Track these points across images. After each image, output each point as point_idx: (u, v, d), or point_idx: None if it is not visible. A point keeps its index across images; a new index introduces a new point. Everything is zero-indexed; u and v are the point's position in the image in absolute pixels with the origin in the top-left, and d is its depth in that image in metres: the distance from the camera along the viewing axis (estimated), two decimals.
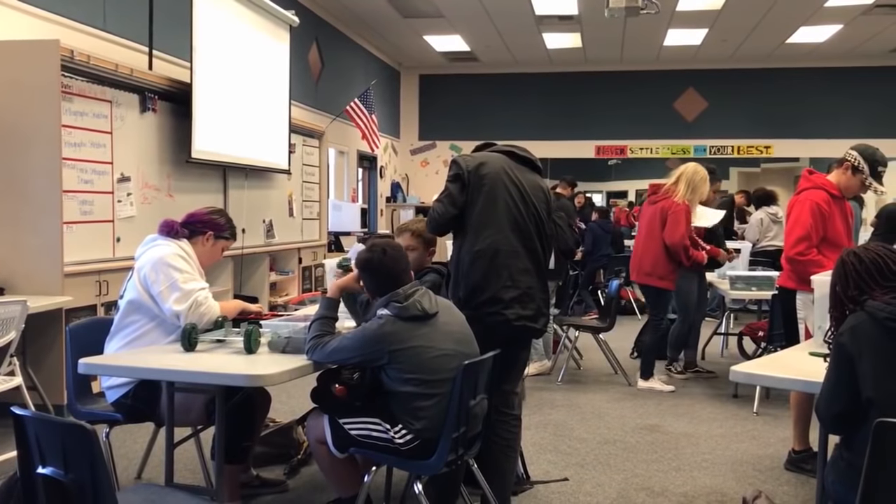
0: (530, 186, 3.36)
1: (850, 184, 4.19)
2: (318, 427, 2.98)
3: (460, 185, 3.26)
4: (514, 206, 3.28)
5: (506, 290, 3.22)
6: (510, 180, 3.30)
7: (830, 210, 4.16)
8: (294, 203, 8.51)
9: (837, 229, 4.16)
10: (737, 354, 6.88)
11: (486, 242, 3.23)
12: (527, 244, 3.30)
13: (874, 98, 12.92)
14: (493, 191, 3.25)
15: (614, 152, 14.14)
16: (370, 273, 2.97)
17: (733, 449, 4.55)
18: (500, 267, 3.22)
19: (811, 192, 4.23)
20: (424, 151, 14.35)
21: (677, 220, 5.71)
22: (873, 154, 4.14)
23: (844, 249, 2.68)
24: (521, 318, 3.24)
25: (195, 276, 3.34)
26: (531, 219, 3.32)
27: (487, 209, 3.24)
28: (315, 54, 10.03)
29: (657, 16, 9.50)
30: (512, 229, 3.26)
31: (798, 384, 3.07)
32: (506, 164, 3.35)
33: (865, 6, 9.90)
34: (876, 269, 2.49)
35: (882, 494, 2.15)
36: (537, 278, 3.33)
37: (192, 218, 3.52)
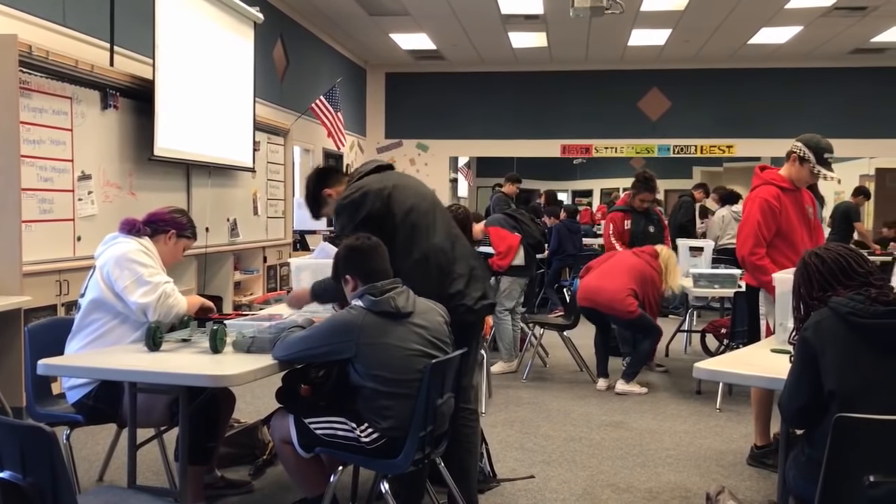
0: (411, 180, 3.45)
1: (800, 175, 4.20)
2: (283, 427, 2.96)
3: (372, 222, 3.19)
4: (420, 206, 3.27)
5: (454, 283, 3.21)
6: (402, 185, 3.30)
7: (781, 204, 4.16)
8: (259, 201, 8.44)
9: (791, 223, 4.17)
10: (700, 351, 6.96)
11: (417, 254, 3.20)
12: (449, 232, 3.33)
13: (833, 98, 13.15)
14: (399, 205, 3.22)
15: (579, 151, 14.22)
16: (356, 260, 2.95)
17: (697, 445, 4.60)
18: (442, 266, 3.22)
19: (760, 189, 4.25)
20: (391, 150, 14.31)
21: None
22: (818, 142, 4.15)
23: (806, 251, 2.71)
24: (477, 300, 3.26)
25: (160, 270, 3.30)
26: (434, 205, 3.36)
27: (404, 228, 3.21)
28: (280, 51, 9.95)
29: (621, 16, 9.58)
30: (430, 229, 3.25)
31: (760, 381, 3.12)
32: (385, 176, 3.33)
33: (825, 8, 10.07)
34: (839, 270, 2.52)
35: (841, 488, 2.19)
36: (474, 258, 3.38)
37: (154, 217, 3.48)
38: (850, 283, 2.48)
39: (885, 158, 13.23)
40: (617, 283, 5.71)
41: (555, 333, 6.61)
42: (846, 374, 2.34)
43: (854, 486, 2.16)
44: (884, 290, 2.41)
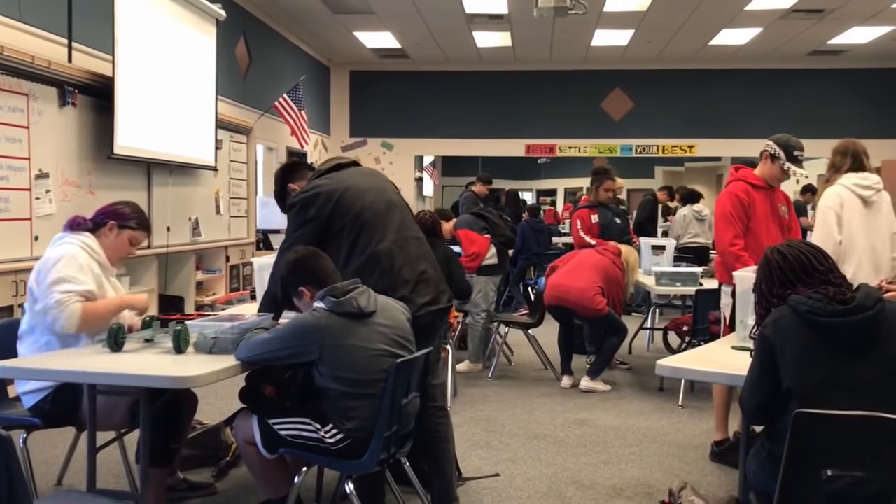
0: (372, 178, 3.41)
1: (772, 172, 4.27)
2: (246, 428, 2.93)
3: (315, 225, 3.19)
4: (372, 207, 3.23)
5: (398, 288, 3.16)
6: (356, 187, 3.26)
7: (750, 199, 4.23)
8: (221, 200, 8.35)
9: (759, 219, 4.23)
10: (662, 349, 7.04)
11: (364, 256, 3.18)
12: (405, 233, 3.28)
13: (792, 99, 13.38)
14: (347, 209, 3.20)
15: (544, 151, 14.29)
16: (301, 270, 2.94)
17: (660, 441, 4.65)
18: (384, 271, 3.17)
19: (731, 185, 4.34)
20: (356, 148, 14.25)
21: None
22: (787, 140, 4.23)
23: (768, 248, 2.74)
24: (422, 307, 3.20)
25: (78, 279, 3.15)
26: (390, 207, 3.31)
27: (351, 231, 3.19)
28: (243, 49, 9.85)
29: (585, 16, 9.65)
30: (378, 232, 3.21)
31: (721, 377, 3.17)
32: (342, 177, 3.31)
33: (783, 10, 10.24)
34: (800, 267, 2.56)
35: (800, 483, 2.23)
36: (426, 260, 3.31)
37: (97, 211, 3.40)
38: (810, 280, 2.52)
39: None
40: (584, 280, 5.75)
41: (520, 332, 6.63)
42: (804, 372, 2.37)
43: (812, 481, 2.20)
44: (841, 288, 2.45)
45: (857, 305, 2.38)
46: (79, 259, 3.19)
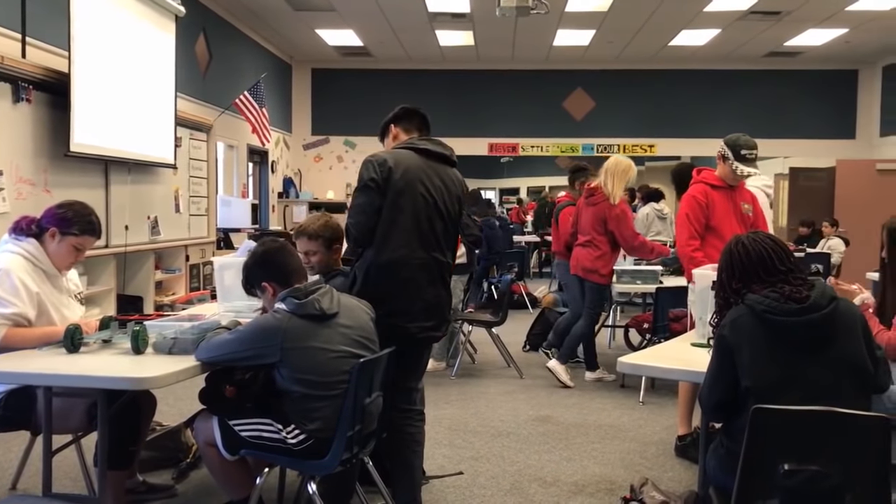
0: (445, 187, 3.27)
1: (724, 172, 4.38)
2: (206, 429, 2.89)
3: (375, 194, 3.11)
4: (425, 216, 3.18)
5: (411, 303, 3.16)
6: (424, 187, 3.18)
7: (708, 199, 4.34)
8: (180, 199, 8.24)
9: (719, 218, 4.33)
10: (623, 346, 7.10)
11: (393, 255, 3.13)
12: (433, 254, 3.22)
13: (750, 99, 13.60)
14: (403, 199, 3.13)
15: (506, 150, 14.35)
16: (268, 264, 2.92)
17: (621, 437, 4.70)
18: (407, 280, 3.15)
19: (691, 188, 4.45)
20: (318, 146, 14.18)
21: (625, 223, 5.88)
22: (736, 140, 4.33)
23: (733, 237, 2.74)
24: (425, 329, 3.21)
25: (8, 301, 3.02)
26: (441, 225, 3.24)
27: (396, 219, 3.13)
28: (202, 46, 9.73)
29: (547, 16, 9.71)
30: (420, 240, 3.17)
31: (681, 374, 3.21)
32: (421, 167, 3.22)
33: (741, 12, 10.40)
34: (760, 264, 2.57)
35: (758, 478, 2.26)
36: (442, 287, 3.28)
37: (42, 214, 3.26)
38: (769, 278, 2.54)
39: (799, 158, 13.75)
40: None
41: (483, 330, 6.65)
42: (761, 371, 2.41)
43: (770, 476, 2.24)
44: (798, 288, 2.48)
45: (812, 304, 2.42)
46: (12, 276, 3.04)
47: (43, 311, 3.16)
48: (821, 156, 13.47)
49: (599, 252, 5.92)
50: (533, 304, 9.76)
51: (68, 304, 3.32)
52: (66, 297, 3.33)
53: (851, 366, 2.41)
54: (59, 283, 3.30)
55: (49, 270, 3.22)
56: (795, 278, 2.53)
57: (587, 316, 6.03)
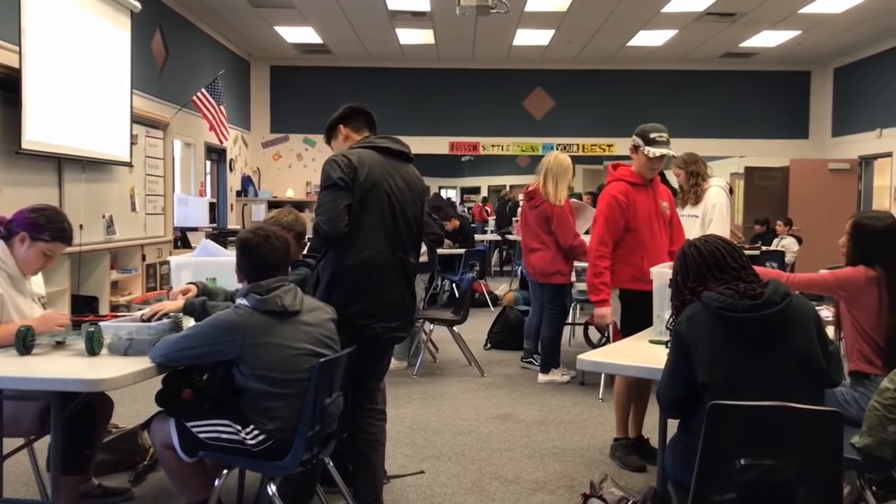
0: (408, 186, 3.27)
1: (639, 163, 4.30)
2: (163, 431, 2.85)
3: (345, 192, 3.07)
4: (390, 215, 3.17)
5: (378, 304, 3.15)
6: (388, 187, 3.17)
7: (629, 199, 4.22)
8: (137, 197, 8.11)
9: (639, 218, 4.22)
10: (583, 343, 7.16)
11: (361, 256, 3.11)
12: (399, 254, 3.22)
13: (706, 100, 13.80)
14: (370, 200, 3.12)
15: (467, 149, 14.37)
16: (246, 254, 2.88)
17: (581, 434, 4.74)
18: (375, 281, 3.13)
19: (609, 185, 4.33)
20: (277, 144, 14.05)
21: (565, 224, 5.89)
22: (643, 127, 4.28)
23: (686, 241, 2.81)
24: (390, 330, 3.21)
25: None
26: (406, 225, 3.24)
27: (363, 220, 3.11)
28: (159, 42, 9.58)
29: (506, 15, 9.74)
30: (386, 240, 3.17)
31: (639, 371, 3.24)
32: (384, 166, 3.20)
33: (697, 13, 10.54)
34: (713, 262, 2.63)
35: (715, 473, 2.30)
36: (406, 287, 3.28)
37: (12, 216, 3.20)
38: (722, 276, 2.59)
39: (754, 157, 13.99)
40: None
41: (445, 329, 6.65)
42: (717, 366, 2.45)
43: (726, 470, 2.27)
44: (752, 284, 2.54)
45: (766, 300, 2.47)
46: None
47: (4, 314, 3.10)
48: (775, 155, 13.73)
49: (552, 252, 5.96)
50: (494, 302, 9.79)
51: (31, 308, 3.25)
52: (30, 300, 3.26)
53: (805, 361, 2.47)
54: (23, 287, 3.23)
55: (14, 273, 3.16)
56: (748, 275, 2.58)
57: (549, 318, 6.08)
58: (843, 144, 13.25)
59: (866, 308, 3.21)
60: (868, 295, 3.21)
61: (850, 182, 12.84)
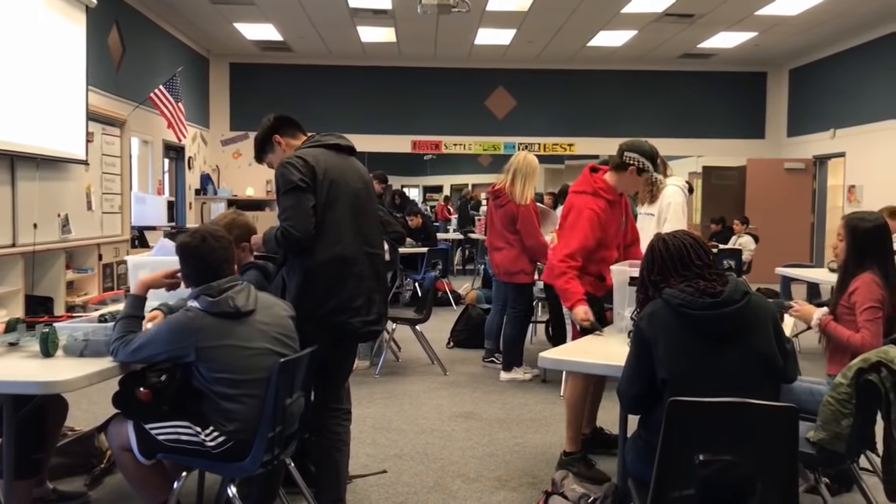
0: (362, 181, 3.26)
1: (633, 184, 4.24)
2: (121, 434, 2.80)
3: (308, 193, 3.03)
4: (354, 211, 3.16)
5: (351, 298, 3.12)
6: (346, 182, 3.16)
7: (607, 218, 4.18)
8: (93, 196, 7.97)
9: (609, 234, 4.21)
10: (544, 341, 7.19)
11: (330, 253, 3.08)
12: (366, 248, 3.20)
13: (665, 100, 13.98)
14: (333, 196, 3.10)
15: (430, 147, 14.37)
16: (186, 259, 2.84)
17: (543, 432, 4.76)
18: (346, 276, 3.11)
19: (590, 199, 4.17)
20: (236, 142, 13.90)
21: (530, 223, 5.89)
22: (650, 151, 4.16)
23: (655, 236, 2.84)
24: (367, 324, 3.19)
25: None
26: (369, 219, 3.23)
27: (327, 216, 3.08)
28: (115, 38, 9.41)
29: (468, 14, 9.77)
30: (353, 235, 3.15)
31: (600, 368, 3.27)
32: (337, 163, 3.19)
33: (656, 14, 10.66)
34: (678, 258, 2.66)
35: (675, 468, 2.32)
36: (377, 281, 3.26)
37: None
38: (685, 272, 2.62)
39: (712, 157, 14.20)
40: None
41: (407, 328, 6.64)
42: (677, 363, 2.49)
43: (686, 466, 2.30)
44: (712, 283, 2.56)
45: (726, 298, 2.50)
46: None
47: None
48: (732, 155, 13.94)
49: (516, 252, 5.98)
50: (457, 301, 9.80)
51: None
52: None
53: (762, 358, 2.51)
54: None
55: None
56: (711, 273, 2.61)
57: (512, 316, 6.10)
58: (799, 144, 13.51)
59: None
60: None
61: (805, 181, 13.10)
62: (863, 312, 3.35)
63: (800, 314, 3.65)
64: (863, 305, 3.35)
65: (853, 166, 11.80)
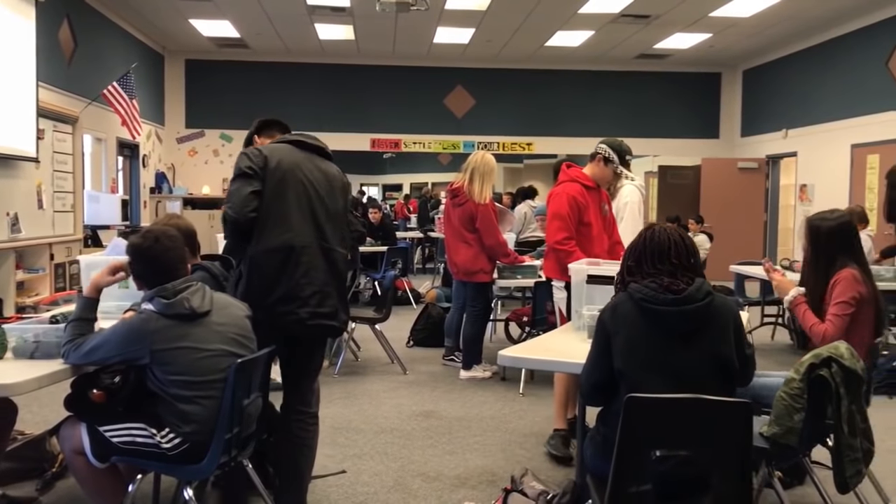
0: (326, 177, 3.23)
1: (603, 174, 4.57)
2: (74, 437, 2.75)
3: (252, 179, 3.04)
4: (306, 203, 3.12)
5: (300, 287, 3.07)
6: (303, 175, 3.14)
7: (585, 201, 4.48)
8: (44, 194, 7.80)
9: (590, 218, 4.48)
10: (504, 339, 7.23)
11: (276, 241, 3.05)
12: (322, 242, 3.16)
13: (622, 99, 14.11)
14: (284, 186, 3.08)
15: (389, 146, 14.33)
16: (139, 260, 2.78)
17: (503, 430, 4.78)
18: (295, 264, 3.07)
19: (567, 185, 4.53)
20: (192, 140, 13.71)
21: (489, 222, 5.91)
22: (620, 145, 4.57)
23: (649, 223, 2.88)
24: (317, 316, 3.11)
25: None
26: (324, 214, 3.18)
27: (276, 206, 3.06)
28: (67, 33, 9.21)
29: (427, 13, 9.77)
30: (305, 226, 3.11)
31: (558, 365, 3.30)
32: (298, 157, 3.18)
33: (613, 15, 10.77)
34: (658, 250, 2.65)
35: (632, 464, 2.35)
36: (333, 276, 3.19)
37: None
38: (659, 266, 2.62)
39: (667, 156, 14.39)
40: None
41: (366, 327, 6.61)
42: (633, 355, 2.52)
43: (643, 462, 2.33)
44: (677, 281, 2.58)
45: (688, 296, 2.53)
46: None
47: None
48: (687, 155, 14.14)
49: (475, 251, 5.99)
50: (417, 299, 9.80)
51: None
52: None
53: (718, 359, 2.53)
54: None
55: None
56: (683, 274, 2.60)
57: (471, 315, 6.11)
58: (752, 144, 13.75)
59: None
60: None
61: (758, 180, 13.34)
62: (834, 306, 3.49)
63: (777, 284, 3.78)
64: (837, 299, 3.49)
65: (804, 166, 12.05)
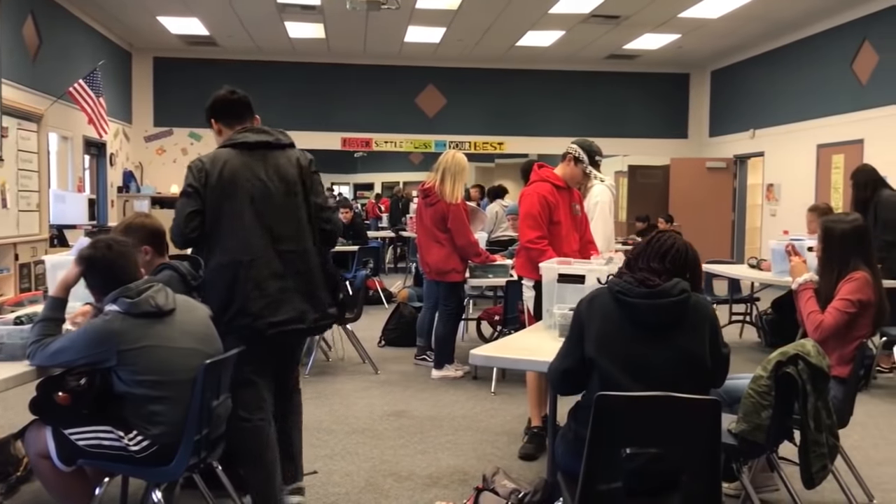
0: (278, 175, 3.16)
1: (573, 174, 4.60)
2: (39, 440, 2.71)
3: (193, 198, 3.05)
4: (258, 211, 3.08)
5: (250, 301, 3.05)
6: (249, 183, 3.09)
7: (555, 200, 4.51)
8: (8, 193, 7.67)
9: (560, 217, 4.52)
10: (476, 338, 7.24)
11: (227, 256, 3.06)
12: (277, 247, 3.12)
13: (592, 99, 14.20)
14: (229, 197, 3.06)
15: (360, 145, 14.28)
16: (94, 271, 2.74)
17: (474, 429, 4.79)
18: (244, 280, 3.05)
19: (538, 185, 4.57)
20: (160, 138, 13.56)
21: (460, 222, 5.92)
22: (590, 146, 4.62)
23: (667, 234, 2.86)
24: (274, 325, 3.09)
25: None
26: (283, 216, 3.14)
27: (220, 221, 3.06)
28: (31, 29, 9.06)
29: (398, 12, 9.75)
30: (256, 236, 3.08)
31: (530, 364, 3.31)
32: (242, 163, 3.12)
33: (584, 15, 10.82)
34: (658, 252, 2.67)
35: (603, 461, 2.36)
36: (296, 278, 3.15)
37: None
38: (653, 265, 2.64)
39: (637, 156, 14.50)
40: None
41: (337, 326, 6.57)
42: (605, 345, 2.55)
43: (614, 459, 2.34)
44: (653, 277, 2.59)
45: (662, 291, 2.55)
46: None
47: None
48: (657, 154, 14.26)
49: (447, 250, 5.99)
50: (388, 299, 9.78)
51: None
52: None
53: (690, 357, 2.55)
54: None
55: None
56: (666, 277, 2.59)
57: (444, 315, 6.11)
58: (720, 144, 13.90)
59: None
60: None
61: (726, 180, 13.49)
62: (839, 300, 3.61)
63: (794, 265, 3.96)
64: (844, 295, 3.62)
65: (771, 165, 12.21)
